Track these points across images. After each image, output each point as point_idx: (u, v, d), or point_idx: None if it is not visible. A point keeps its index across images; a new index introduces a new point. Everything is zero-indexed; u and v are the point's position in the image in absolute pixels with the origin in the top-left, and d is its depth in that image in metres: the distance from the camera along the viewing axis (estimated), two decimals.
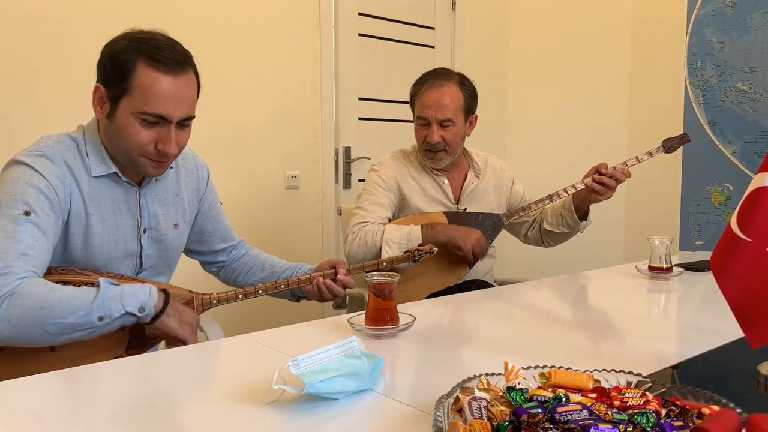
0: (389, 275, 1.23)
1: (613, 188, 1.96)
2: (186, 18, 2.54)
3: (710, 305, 1.51)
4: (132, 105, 1.27)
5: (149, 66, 1.26)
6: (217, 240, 1.65)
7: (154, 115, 1.27)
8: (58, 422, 0.83)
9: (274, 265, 1.67)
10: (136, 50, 1.26)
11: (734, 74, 2.78)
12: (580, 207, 2.04)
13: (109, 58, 1.28)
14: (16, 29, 2.18)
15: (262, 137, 2.84)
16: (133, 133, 1.28)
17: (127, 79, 1.26)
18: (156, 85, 1.26)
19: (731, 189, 2.81)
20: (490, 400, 0.72)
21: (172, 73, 1.27)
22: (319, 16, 2.99)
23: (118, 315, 1.19)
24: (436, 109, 1.97)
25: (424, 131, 2.00)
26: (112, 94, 1.28)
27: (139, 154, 1.31)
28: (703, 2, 2.85)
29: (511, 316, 1.48)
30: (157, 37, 1.29)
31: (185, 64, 1.30)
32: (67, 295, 1.17)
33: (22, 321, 1.13)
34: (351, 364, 0.91)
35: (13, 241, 1.17)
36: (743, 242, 0.87)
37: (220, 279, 1.72)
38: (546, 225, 2.15)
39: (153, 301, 1.24)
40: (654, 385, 0.77)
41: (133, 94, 1.26)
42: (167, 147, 1.30)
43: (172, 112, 1.28)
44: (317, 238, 3.07)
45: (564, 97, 3.72)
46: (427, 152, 2.03)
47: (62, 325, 1.15)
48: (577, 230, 2.11)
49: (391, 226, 1.94)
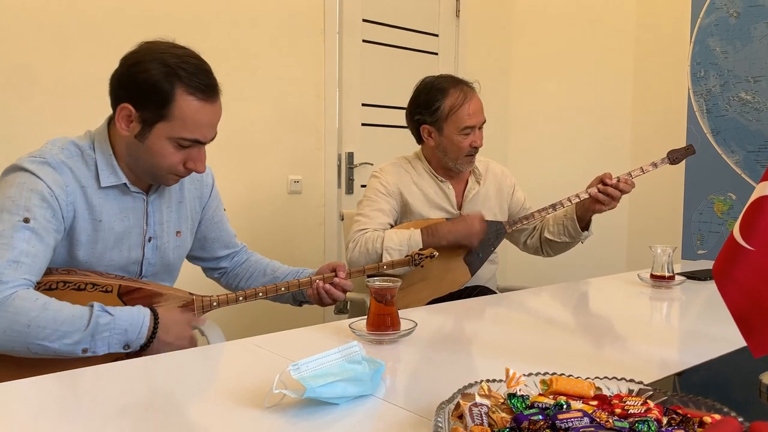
0: (391, 280, 1.23)
1: (617, 199, 1.96)
2: (190, 23, 2.55)
3: (712, 314, 1.51)
4: (169, 131, 1.29)
5: (189, 94, 1.27)
6: (219, 247, 1.66)
7: (191, 140, 1.31)
8: (57, 424, 0.83)
9: (276, 270, 1.67)
10: (174, 77, 1.26)
11: (738, 84, 2.78)
12: (582, 217, 2.04)
13: (143, 82, 1.26)
14: (16, 30, 2.18)
15: (265, 141, 2.84)
16: (167, 155, 1.31)
17: (167, 107, 1.27)
18: (197, 115, 1.29)
19: (734, 198, 2.81)
20: (491, 406, 0.72)
21: (210, 100, 1.31)
22: (324, 22, 3.00)
23: (102, 353, 1.20)
24: (480, 114, 2.03)
25: (470, 138, 2.01)
26: (146, 117, 1.28)
27: (168, 172, 1.34)
28: (706, 11, 2.85)
29: (513, 322, 1.48)
30: (188, 60, 1.29)
31: (216, 87, 1.33)
32: (57, 319, 1.16)
33: (7, 334, 1.14)
34: (352, 369, 0.91)
35: (7, 248, 1.18)
36: (746, 251, 0.87)
37: (222, 285, 1.72)
38: (547, 234, 2.14)
39: (141, 341, 1.24)
40: (655, 393, 0.77)
41: (172, 121, 1.28)
42: (198, 167, 1.35)
43: (208, 136, 1.34)
44: (319, 243, 3.07)
45: (567, 105, 3.73)
46: (468, 157, 2.05)
47: (46, 348, 1.16)
48: (579, 240, 2.11)
49: (390, 232, 1.94)
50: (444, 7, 3.53)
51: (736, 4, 2.76)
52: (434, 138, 2.05)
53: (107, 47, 2.34)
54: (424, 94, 2.05)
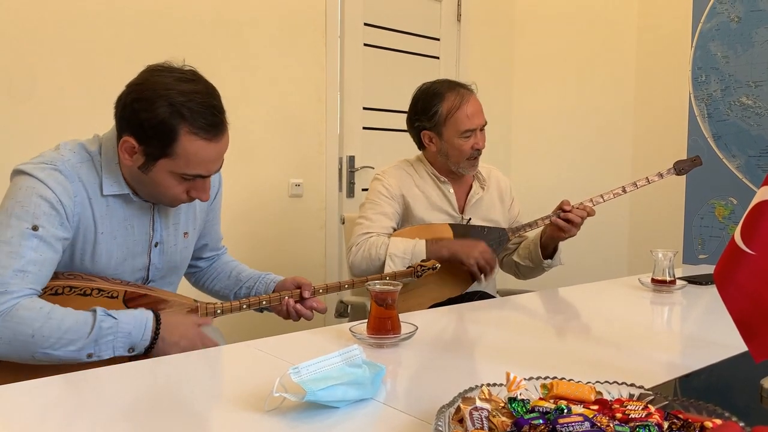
0: (392, 284, 1.23)
1: (577, 226, 1.95)
2: (192, 26, 2.56)
3: (713, 318, 1.50)
4: (172, 166, 1.28)
5: (193, 134, 1.25)
6: (207, 249, 1.66)
7: (194, 176, 1.31)
8: (60, 426, 0.83)
9: (240, 273, 1.66)
10: (178, 116, 1.24)
11: (739, 88, 2.78)
12: (546, 245, 2.04)
13: (147, 120, 1.24)
14: (16, 30, 2.19)
15: (266, 145, 2.85)
16: (170, 187, 1.31)
17: (171, 146, 1.25)
18: (200, 153, 1.28)
19: (735, 203, 2.81)
20: (492, 410, 0.72)
21: (215, 139, 1.29)
22: (325, 25, 3.01)
23: (107, 357, 1.21)
24: (479, 115, 2.02)
25: (471, 140, 2.01)
26: (149, 152, 1.27)
27: (172, 200, 1.35)
28: (708, 16, 2.86)
29: (513, 326, 1.48)
30: (194, 98, 1.26)
31: (222, 125, 1.31)
32: (61, 327, 1.16)
33: (12, 344, 1.14)
34: (352, 372, 0.91)
35: (14, 256, 1.18)
36: (747, 255, 0.87)
37: (191, 282, 1.72)
38: (515, 256, 2.15)
39: (145, 343, 1.24)
40: (656, 398, 0.77)
41: (175, 158, 1.27)
42: (202, 196, 1.36)
43: (212, 170, 1.34)
44: (320, 246, 3.07)
45: (568, 109, 3.73)
46: (470, 160, 2.04)
47: (50, 356, 1.16)
48: (542, 268, 2.10)
49: (395, 239, 1.93)
50: (445, 11, 3.54)
51: (737, 9, 2.76)
52: (435, 143, 2.05)
53: (108, 48, 2.35)
54: (421, 101, 2.05)
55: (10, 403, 0.90)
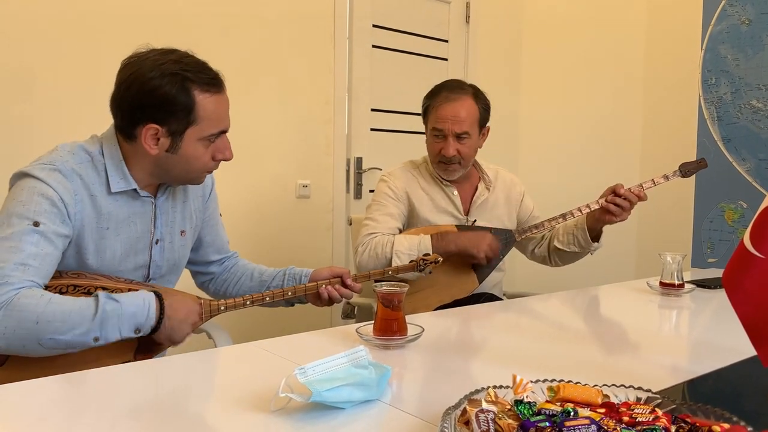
0: (398, 285, 1.23)
1: (628, 210, 1.93)
2: (200, 28, 2.57)
3: (722, 322, 1.49)
4: (199, 132, 1.33)
5: (205, 92, 1.32)
6: (212, 251, 1.66)
7: (218, 133, 1.36)
8: (64, 425, 0.84)
9: (263, 273, 1.66)
10: (186, 81, 1.29)
11: (749, 91, 2.76)
12: (593, 228, 2.02)
13: (160, 99, 1.28)
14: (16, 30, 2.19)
15: (274, 146, 2.85)
16: (200, 156, 1.36)
17: (192, 113, 1.31)
18: (218, 108, 1.35)
19: (744, 206, 2.79)
20: (498, 412, 0.72)
21: (222, 90, 1.36)
22: (334, 27, 3.01)
23: (114, 339, 1.21)
24: (453, 122, 1.96)
25: (439, 144, 1.99)
26: (174, 129, 1.31)
27: (201, 171, 1.40)
28: (718, 18, 2.84)
29: (520, 329, 1.47)
30: (186, 61, 1.32)
31: (220, 76, 1.37)
32: (64, 311, 1.16)
33: (17, 333, 1.14)
34: (358, 373, 0.91)
35: (15, 250, 1.18)
36: (756, 259, 0.86)
37: (210, 293, 1.70)
38: (557, 243, 2.12)
39: (150, 322, 1.24)
40: (664, 402, 0.77)
41: (200, 123, 1.32)
42: (227, 154, 1.40)
43: (228, 125, 1.40)
44: (327, 248, 3.08)
45: (577, 111, 3.72)
46: (440, 164, 2.03)
47: (57, 341, 1.16)
48: (588, 251, 2.09)
49: (400, 237, 1.94)
50: (454, 13, 3.54)
51: (747, 12, 2.75)
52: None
53: (108, 48, 2.35)
54: (425, 98, 2.08)
55: (10, 403, 0.90)
